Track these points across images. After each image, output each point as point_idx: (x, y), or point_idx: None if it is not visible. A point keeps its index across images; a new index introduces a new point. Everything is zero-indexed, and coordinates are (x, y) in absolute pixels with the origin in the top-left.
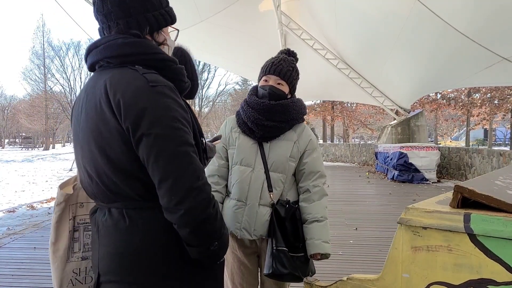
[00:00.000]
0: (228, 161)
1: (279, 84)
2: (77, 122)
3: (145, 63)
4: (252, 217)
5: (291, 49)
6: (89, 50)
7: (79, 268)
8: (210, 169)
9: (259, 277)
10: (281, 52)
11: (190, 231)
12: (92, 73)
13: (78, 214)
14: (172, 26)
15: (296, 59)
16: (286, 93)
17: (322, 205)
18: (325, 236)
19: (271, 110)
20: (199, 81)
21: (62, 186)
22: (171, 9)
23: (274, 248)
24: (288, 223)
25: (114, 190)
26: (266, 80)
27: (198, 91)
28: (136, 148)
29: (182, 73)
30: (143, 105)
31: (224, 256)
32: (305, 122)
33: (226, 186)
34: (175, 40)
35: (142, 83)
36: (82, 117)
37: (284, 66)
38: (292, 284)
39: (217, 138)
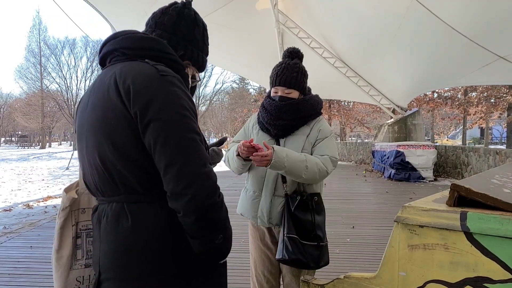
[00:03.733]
0: None
1: (287, 93)
2: (81, 115)
3: (157, 60)
4: (267, 207)
5: (294, 48)
6: (107, 41)
7: (83, 276)
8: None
9: (279, 264)
10: (284, 55)
11: (196, 218)
12: (99, 71)
13: (80, 220)
14: (196, 73)
15: (300, 58)
16: (296, 97)
17: (316, 162)
18: (290, 159)
19: (281, 110)
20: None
21: (67, 190)
22: (206, 60)
23: (285, 235)
24: (299, 212)
25: (117, 178)
26: (275, 92)
27: (195, 91)
28: (143, 134)
29: (188, 80)
30: (152, 92)
31: (251, 249)
32: (321, 115)
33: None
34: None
35: (153, 72)
36: (88, 108)
37: (288, 74)
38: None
39: (222, 141)
